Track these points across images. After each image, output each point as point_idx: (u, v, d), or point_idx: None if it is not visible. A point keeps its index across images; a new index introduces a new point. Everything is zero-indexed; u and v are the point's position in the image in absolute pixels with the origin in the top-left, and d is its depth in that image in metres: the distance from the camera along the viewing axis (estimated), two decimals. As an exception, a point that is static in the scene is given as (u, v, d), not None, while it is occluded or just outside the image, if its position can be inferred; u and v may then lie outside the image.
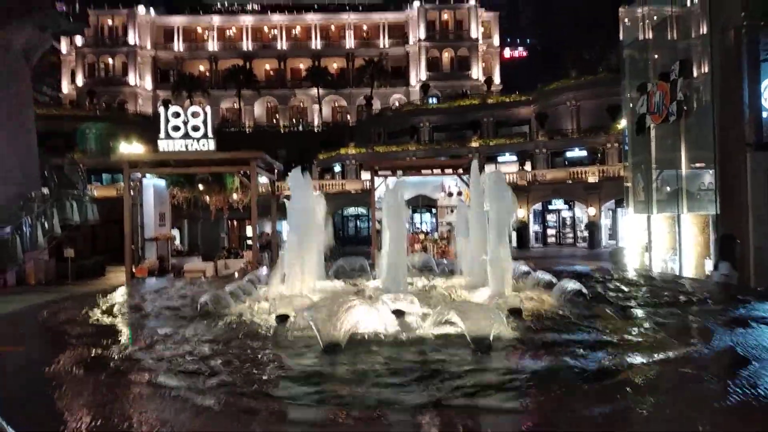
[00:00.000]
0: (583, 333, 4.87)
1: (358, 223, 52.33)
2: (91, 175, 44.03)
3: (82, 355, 4.41)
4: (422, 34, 70.01)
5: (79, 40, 63.96)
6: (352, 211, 51.34)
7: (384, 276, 7.42)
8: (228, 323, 5.58)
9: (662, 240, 17.06)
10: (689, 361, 3.90)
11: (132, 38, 68.29)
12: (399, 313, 5.38)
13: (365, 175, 45.97)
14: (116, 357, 4.33)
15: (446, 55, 70.87)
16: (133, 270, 18.26)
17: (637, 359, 3.93)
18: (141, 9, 69.10)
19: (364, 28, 74.17)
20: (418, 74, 69.87)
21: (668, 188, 16.60)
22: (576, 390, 3.37)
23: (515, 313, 5.46)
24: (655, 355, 3.99)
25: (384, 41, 72.92)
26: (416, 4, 70.52)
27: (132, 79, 68.53)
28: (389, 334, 4.78)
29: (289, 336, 4.79)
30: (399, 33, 72.96)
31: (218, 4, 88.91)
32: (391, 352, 4.25)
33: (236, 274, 15.69)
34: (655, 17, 18.06)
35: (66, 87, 69.07)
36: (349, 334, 4.41)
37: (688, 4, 16.23)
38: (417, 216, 37.52)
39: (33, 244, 24.02)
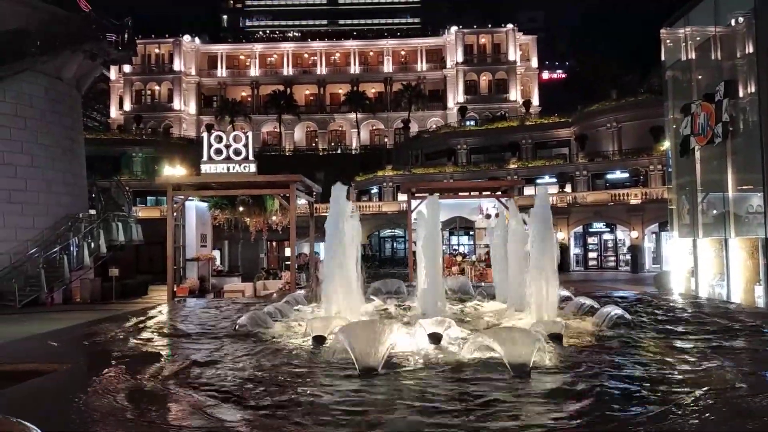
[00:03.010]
0: (626, 362, 4.71)
1: (394, 244, 52.33)
2: (137, 197, 45.35)
3: (123, 373, 4.49)
4: (460, 58, 70.32)
5: (127, 67, 66.42)
6: (388, 232, 51.38)
7: (420, 299, 7.35)
8: (264, 344, 5.62)
9: (709, 264, 16.50)
10: (740, 392, 3.72)
11: (177, 66, 70.62)
12: (435, 337, 5.31)
13: (402, 197, 46.03)
14: (152, 376, 4.38)
15: (484, 78, 70.93)
16: (175, 290, 18.60)
17: (684, 391, 3.77)
18: (186, 38, 71.58)
19: (402, 53, 74.98)
20: (456, 97, 70.04)
21: (714, 211, 16.10)
22: (619, 421, 3.25)
23: (556, 338, 5.32)
24: (704, 388, 3.82)
25: (422, 65, 73.50)
26: (454, 29, 71.02)
27: (177, 104, 70.70)
28: (426, 359, 4.72)
29: (325, 358, 4.77)
30: (437, 57, 73.49)
31: (260, 32, 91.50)
32: (427, 376, 4.18)
33: (275, 295, 15.83)
34: (697, 37, 17.72)
35: (114, 112, 71.68)
36: (385, 357, 4.37)
37: (733, 23, 15.86)
38: (454, 238, 37.27)
39: (80, 263, 24.76)
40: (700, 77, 17.38)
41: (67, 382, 4.51)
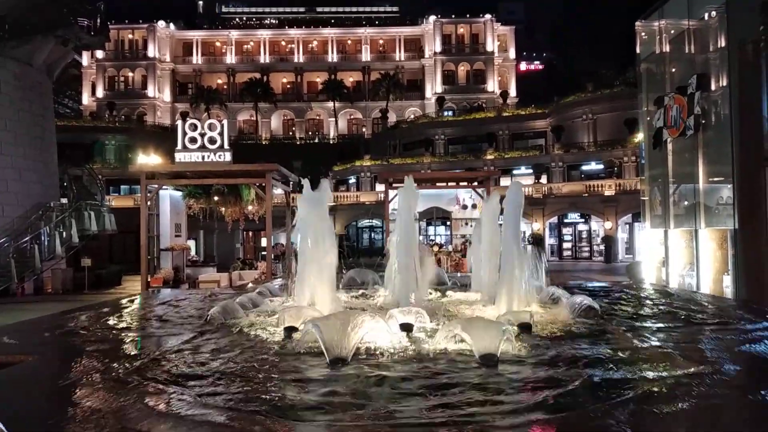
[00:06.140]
0: (593, 350, 4.80)
1: (372, 234, 52.41)
2: (110, 186, 44.66)
3: (93, 364, 4.44)
4: (438, 48, 70.34)
5: (100, 53, 65.21)
6: (366, 222, 51.43)
7: (392, 289, 7.38)
8: (234, 334, 5.60)
9: (679, 255, 16.84)
10: (701, 379, 3.82)
11: (152, 52, 69.44)
12: (407, 327, 5.35)
13: (380, 187, 46.08)
14: (121, 367, 4.35)
15: (462, 69, 71.08)
16: (149, 280, 18.41)
17: (647, 377, 3.85)
18: (161, 23, 70.37)
19: (381, 42, 74.73)
20: (434, 87, 70.11)
21: (685, 202, 16.42)
22: (579, 408, 3.31)
23: (524, 328, 5.39)
24: (665, 373, 3.91)
25: (400, 55, 73.37)
26: (432, 18, 70.96)
27: (151, 91, 69.59)
28: (397, 348, 4.75)
29: (295, 348, 4.78)
30: (415, 47, 73.41)
31: (236, 18, 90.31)
32: (396, 366, 4.22)
33: (250, 285, 15.76)
34: (672, 30, 17.95)
35: (86, 99, 70.31)
36: (356, 347, 4.39)
37: (706, 17, 16.09)
38: (431, 228, 37.42)
39: (51, 253, 24.35)
40: (673, 70, 17.63)
41: (34, 374, 4.45)
